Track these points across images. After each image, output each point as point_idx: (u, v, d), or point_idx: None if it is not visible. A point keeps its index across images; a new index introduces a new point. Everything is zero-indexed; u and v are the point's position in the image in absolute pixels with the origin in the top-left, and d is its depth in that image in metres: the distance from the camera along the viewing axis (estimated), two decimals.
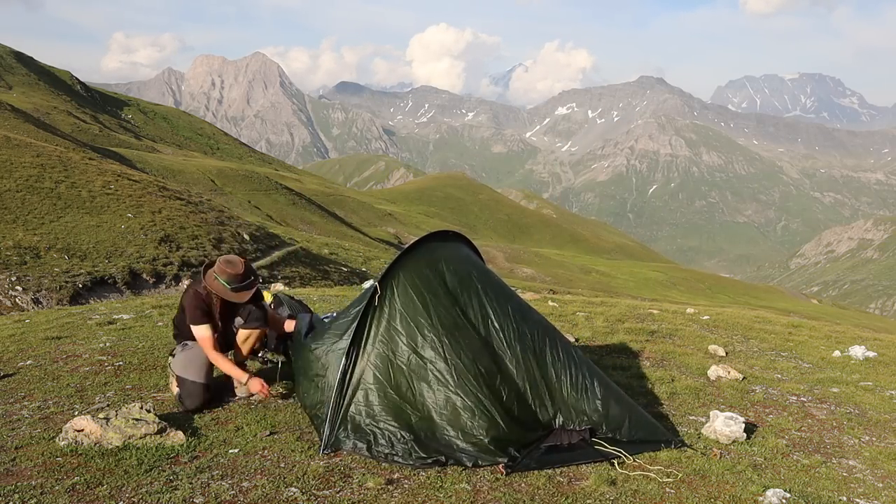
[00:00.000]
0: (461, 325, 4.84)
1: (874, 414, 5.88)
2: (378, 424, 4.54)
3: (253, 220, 36.73)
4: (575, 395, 4.80)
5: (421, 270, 5.01)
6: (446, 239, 5.43)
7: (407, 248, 5.19)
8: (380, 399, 4.63)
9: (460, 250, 5.41)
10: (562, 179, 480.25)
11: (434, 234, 5.38)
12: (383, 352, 4.75)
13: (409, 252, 5.13)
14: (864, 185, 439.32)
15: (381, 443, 4.46)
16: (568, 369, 4.88)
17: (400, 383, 4.66)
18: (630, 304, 12.03)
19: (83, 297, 17.90)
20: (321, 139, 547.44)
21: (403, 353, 4.73)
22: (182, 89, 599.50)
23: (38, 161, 26.75)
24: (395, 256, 5.19)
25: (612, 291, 51.34)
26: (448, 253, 5.25)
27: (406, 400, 4.61)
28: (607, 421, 4.75)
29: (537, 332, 5.04)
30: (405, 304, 4.85)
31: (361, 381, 4.69)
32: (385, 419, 4.56)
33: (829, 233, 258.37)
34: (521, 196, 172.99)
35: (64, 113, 68.69)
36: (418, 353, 4.71)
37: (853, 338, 9.43)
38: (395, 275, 4.97)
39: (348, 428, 4.56)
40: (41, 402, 5.29)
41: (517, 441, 4.49)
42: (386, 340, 4.78)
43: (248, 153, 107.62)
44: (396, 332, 4.78)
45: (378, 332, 4.81)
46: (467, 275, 5.12)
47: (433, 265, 5.07)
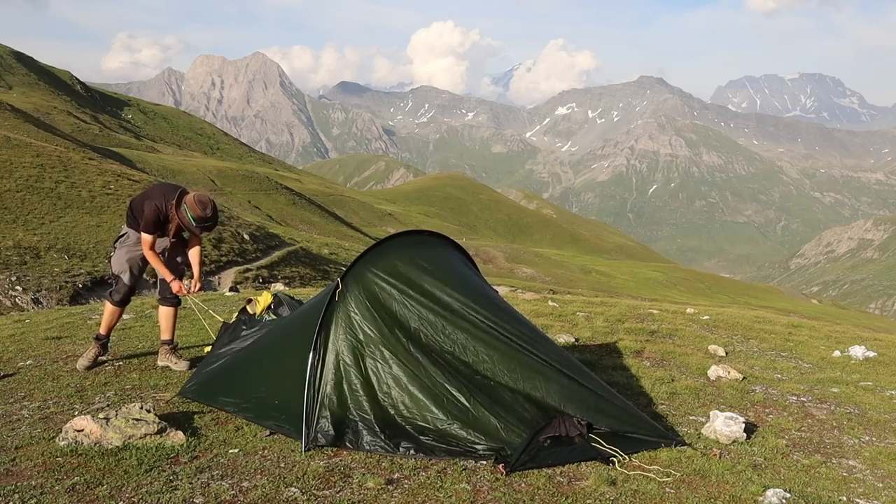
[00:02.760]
0: (431, 317, 4.85)
1: (874, 414, 5.88)
2: (350, 415, 4.57)
3: (253, 220, 36.72)
4: (562, 390, 4.79)
5: (390, 263, 5.05)
6: (420, 236, 5.49)
7: (374, 244, 5.26)
8: (349, 390, 4.65)
9: (434, 247, 5.45)
10: (562, 179, 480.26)
11: (404, 233, 5.46)
12: (349, 344, 4.77)
13: (376, 247, 5.19)
14: (864, 185, 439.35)
15: (356, 434, 4.50)
16: (553, 363, 4.89)
17: (368, 375, 4.68)
18: (630, 304, 12.02)
19: (83, 297, 17.91)
20: (321, 139, 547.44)
21: (369, 345, 4.75)
22: (182, 89, 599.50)
23: (38, 161, 26.75)
24: (361, 251, 5.24)
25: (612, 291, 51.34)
26: (422, 249, 5.30)
27: (375, 390, 4.63)
28: (599, 417, 4.75)
29: (519, 328, 5.06)
30: (370, 298, 4.89)
31: (330, 375, 4.70)
32: (356, 410, 4.59)
33: (829, 233, 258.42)
34: (521, 196, 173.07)
35: (64, 113, 68.70)
36: (385, 344, 4.73)
37: (853, 338, 9.43)
38: (359, 271, 5.01)
39: (324, 421, 4.57)
40: (41, 402, 5.29)
41: (496, 436, 4.48)
42: (351, 333, 4.80)
43: (248, 153, 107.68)
44: (360, 324, 4.81)
45: (342, 325, 4.82)
46: (439, 268, 5.15)
47: (404, 259, 5.10)
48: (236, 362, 5.50)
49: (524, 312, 9.09)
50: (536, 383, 4.76)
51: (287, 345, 5.20)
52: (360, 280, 4.98)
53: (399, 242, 5.31)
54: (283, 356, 5.14)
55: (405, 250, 5.23)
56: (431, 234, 5.60)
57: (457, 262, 5.49)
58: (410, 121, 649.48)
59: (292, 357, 4.92)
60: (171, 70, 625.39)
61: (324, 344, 4.79)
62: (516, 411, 4.66)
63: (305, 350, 4.76)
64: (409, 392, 4.63)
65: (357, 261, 5.09)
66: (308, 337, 4.81)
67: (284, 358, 5.08)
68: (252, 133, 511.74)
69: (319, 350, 4.75)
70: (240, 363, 5.47)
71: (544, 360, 4.89)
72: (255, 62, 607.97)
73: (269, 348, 5.42)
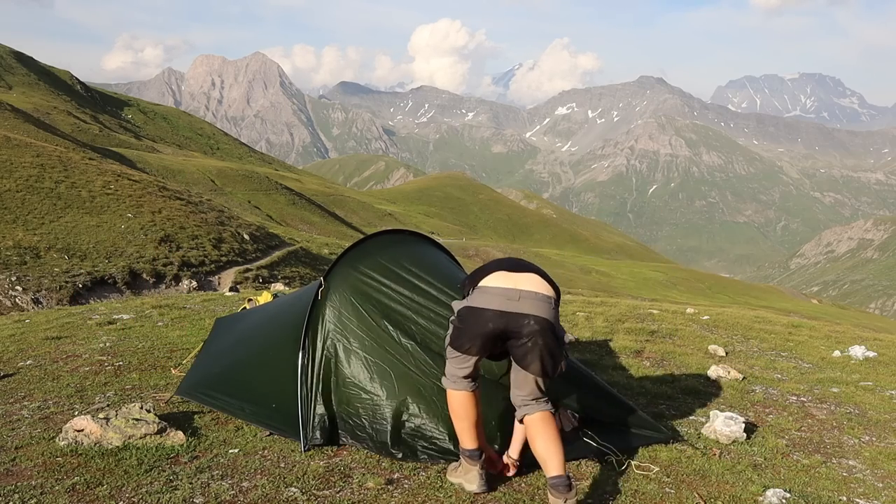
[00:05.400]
0: (416, 311, 4.83)
1: (874, 414, 5.88)
2: (343, 412, 4.57)
3: (253, 220, 36.73)
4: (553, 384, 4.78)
5: (374, 260, 5.05)
6: (401, 235, 5.49)
7: (356, 241, 5.26)
8: (341, 387, 4.65)
9: (417, 244, 5.45)
10: (562, 179, 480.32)
11: (386, 231, 5.46)
12: (336, 342, 4.76)
13: (359, 245, 5.19)
14: (864, 185, 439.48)
15: (350, 431, 4.51)
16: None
17: (356, 371, 4.67)
18: (630, 304, 12.02)
19: (83, 297, 17.91)
20: (321, 139, 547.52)
21: (355, 341, 4.74)
22: (182, 89, 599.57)
23: (38, 161, 26.75)
24: (345, 248, 5.25)
25: (612, 291, 51.32)
26: (405, 246, 5.30)
27: (364, 386, 4.63)
28: (596, 411, 4.74)
29: None
30: (354, 294, 4.88)
31: (321, 373, 4.70)
32: (348, 407, 4.58)
33: (829, 233, 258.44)
34: (520, 196, 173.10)
35: (64, 113, 68.71)
36: (371, 339, 4.72)
37: (853, 338, 9.42)
38: (342, 269, 5.01)
39: (319, 420, 4.57)
40: (41, 402, 5.29)
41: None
42: (338, 331, 4.79)
43: (248, 153, 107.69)
44: (346, 322, 4.80)
45: (329, 323, 4.82)
46: (423, 264, 5.14)
47: (387, 255, 5.10)
48: (233, 364, 5.50)
49: None
50: None
51: (278, 345, 5.19)
52: (344, 278, 4.98)
53: (382, 240, 5.31)
54: (275, 357, 5.13)
55: (388, 247, 5.23)
56: (412, 233, 5.61)
57: (441, 258, 5.50)
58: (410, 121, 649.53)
59: (284, 358, 4.92)
60: (171, 70, 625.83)
61: (312, 343, 4.79)
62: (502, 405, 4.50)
63: (295, 351, 4.78)
64: (396, 386, 4.60)
65: (340, 258, 5.09)
66: (297, 337, 4.82)
67: (277, 359, 5.08)
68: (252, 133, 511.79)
69: (308, 350, 4.76)
70: (236, 364, 5.47)
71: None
72: (255, 62, 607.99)
73: (262, 349, 5.42)
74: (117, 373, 6.10)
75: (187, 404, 5.27)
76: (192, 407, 5.21)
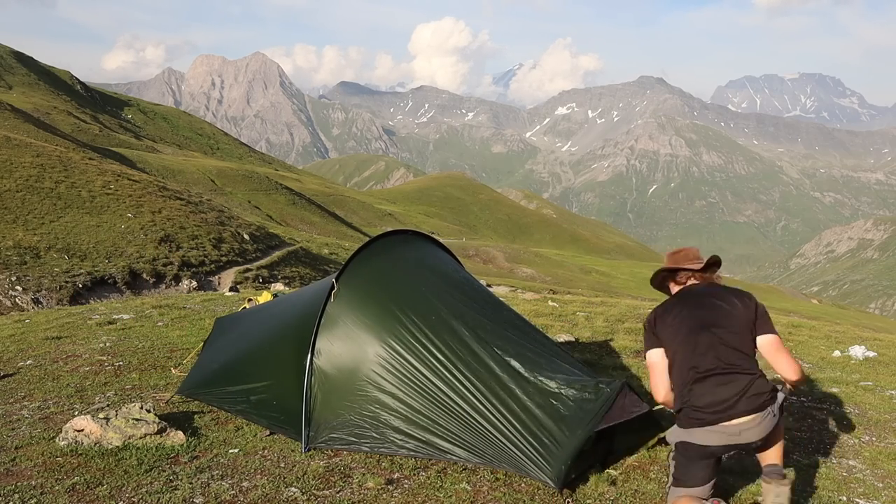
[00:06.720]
0: (427, 317, 4.81)
1: (874, 414, 5.88)
2: (348, 415, 4.56)
3: (253, 220, 36.73)
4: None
5: (383, 261, 5.08)
6: (405, 235, 5.52)
7: (365, 243, 5.27)
8: (348, 391, 4.64)
9: (422, 245, 5.49)
10: (562, 179, 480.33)
11: (392, 232, 5.48)
12: (344, 345, 4.76)
13: (367, 246, 5.21)
14: (864, 185, 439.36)
15: (353, 433, 4.49)
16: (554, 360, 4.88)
17: (365, 375, 4.65)
18: (630, 304, 12.02)
19: (83, 297, 17.90)
20: (321, 139, 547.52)
21: (364, 345, 4.73)
22: (182, 89, 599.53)
23: (38, 161, 26.75)
24: (355, 250, 5.25)
25: (612, 291, 51.30)
26: (411, 247, 5.35)
27: (372, 390, 4.61)
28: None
29: (514, 327, 5.06)
30: (364, 297, 4.90)
31: (327, 376, 4.69)
32: (353, 410, 4.57)
33: (829, 233, 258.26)
34: (521, 196, 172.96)
35: (64, 113, 68.69)
36: (380, 345, 4.70)
37: (853, 338, 9.42)
38: (353, 270, 5.02)
39: (322, 421, 4.57)
40: (41, 402, 5.29)
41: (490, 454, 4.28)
42: (347, 334, 4.79)
43: (248, 153, 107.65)
44: (355, 324, 4.80)
45: (338, 326, 4.81)
46: (429, 265, 5.19)
47: (395, 256, 5.14)
48: (235, 362, 5.50)
49: (524, 312, 9.10)
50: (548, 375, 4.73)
51: (284, 345, 5.20)
52: (354, 279, 4.99)
53: (389, 241, 5.35)
54: (280, 357, 5.13)
55: (396, 248, 5.28)
56: (415, 233, 5.65)
57: (444, 257, 5.56)
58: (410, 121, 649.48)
59: (290, 358, 4.92)
60: (171, 70, 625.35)
61: (321, 345, 4.79)
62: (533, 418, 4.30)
63: (302, 352, 4.76)
64: (403, 393, 4.57)
65: (350, 260, 5.10)
66: (305, 338, 4.81)
67: (282, 359, 5.08)
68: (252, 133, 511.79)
69: (317, 352, 4.75)
70: (237, 362, 5.47)
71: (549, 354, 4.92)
72: (255, 62, 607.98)
73: (266, 348, 5.42)
74: (117, 373, 6.10)
75: (187, 404, 5.27)
76: (192, 407, 5.21)
